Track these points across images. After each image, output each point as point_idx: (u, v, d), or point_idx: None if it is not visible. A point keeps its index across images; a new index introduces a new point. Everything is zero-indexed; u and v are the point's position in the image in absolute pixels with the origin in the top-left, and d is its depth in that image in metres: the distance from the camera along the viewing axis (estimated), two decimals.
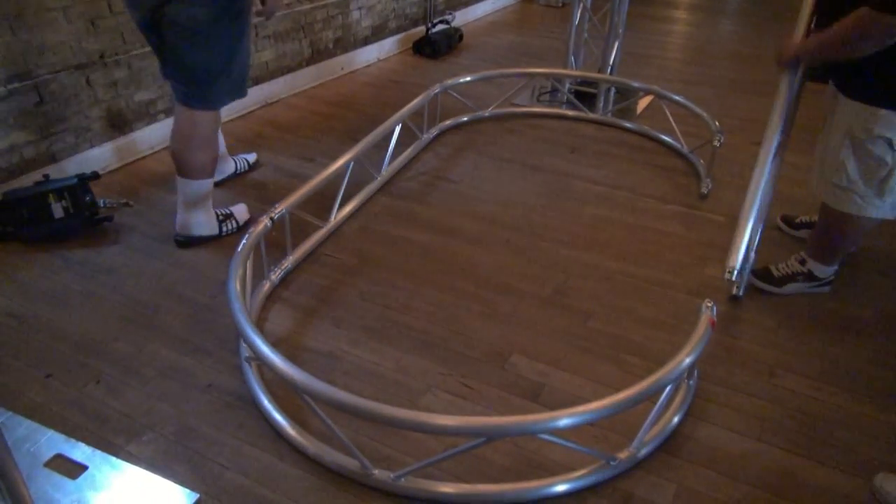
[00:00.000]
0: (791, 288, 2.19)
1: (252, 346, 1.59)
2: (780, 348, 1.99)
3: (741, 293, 2.15)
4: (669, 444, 1.65)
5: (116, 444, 1.60)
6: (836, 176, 1.97)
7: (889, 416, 1.76)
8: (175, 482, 1.51)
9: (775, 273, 2.21)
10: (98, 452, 1.57)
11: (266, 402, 1.69)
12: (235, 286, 1.78)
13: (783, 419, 1.74)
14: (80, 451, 1.57)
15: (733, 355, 1.96)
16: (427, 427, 1.45)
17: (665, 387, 1.55)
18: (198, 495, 1.48)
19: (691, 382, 1.79)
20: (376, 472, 1.50)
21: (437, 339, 1.98)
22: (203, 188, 2.23)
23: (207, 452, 1.59)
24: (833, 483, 1.57)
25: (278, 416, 1.65)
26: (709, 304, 1.73)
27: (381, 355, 1.91)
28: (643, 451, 1.60)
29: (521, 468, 1.58)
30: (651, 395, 1.50)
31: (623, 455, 1.57)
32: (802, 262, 2.19)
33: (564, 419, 1.41)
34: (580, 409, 1.43)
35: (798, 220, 2.59)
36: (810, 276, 2.18)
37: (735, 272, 1.74)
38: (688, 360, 1.56)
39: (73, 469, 1.53)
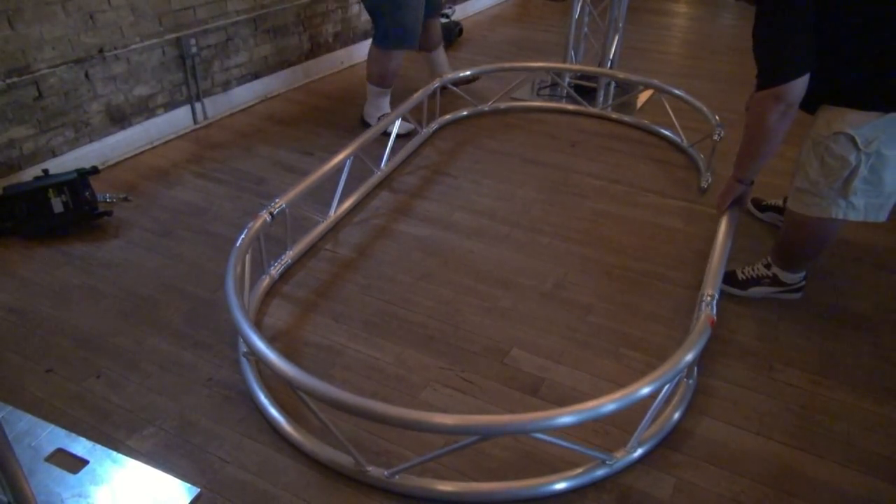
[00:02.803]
0: (756, 292, 2.16)
1: (248, 342, 1.59)
2: (780, 342, 1.99)
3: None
4: (669, 438, 1.66)
5: (117, 438, 1.61)
6: (797, 179, 1.93)
7: (888, 409, 1.77)
8: (176, 476, 1.51)
9: (740, 276, 2.18)
10: (99, 447, 1.57)
11: (263, 398, 1.69)
12: (233, 281, 1.78)
13: (782, 413, 1.75)
14: (80, 446, 1.57)
15: (733, 349, 1.96)
16: (419, 425, 1.43)
17: (662, 386, 1.54)
18: (198, 489, 1.49)
19: (690, 381, 1.78)
20: (370, 468, 1.50)
21: (436, 333, 1.99)
22: (372, 90, 3.21)
23: (208, 446, 1.59)
24: (832, 476, 1.58)
25: (274, 412, 1.65)
26: (708, 301, 1.72)
27: (381, 350, 1.91)
28: (640, 451, 1.59)
29: (521, 462, 1.58)
30: (647, 396, 1.49)
31: (619, 454, 1.56)
32: (768, 267, 2.15)
33: (558, 419, 1.39)
34: (573, 408, 1.41)
35: (765, 203, 2.59)
36: (776, 281, 2.14)
37: (715, 298, 1.76)
38: (686, 360, 1.55)
39: (74, 463, 1.53)
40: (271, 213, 2.06)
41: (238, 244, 1.92)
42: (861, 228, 2.53)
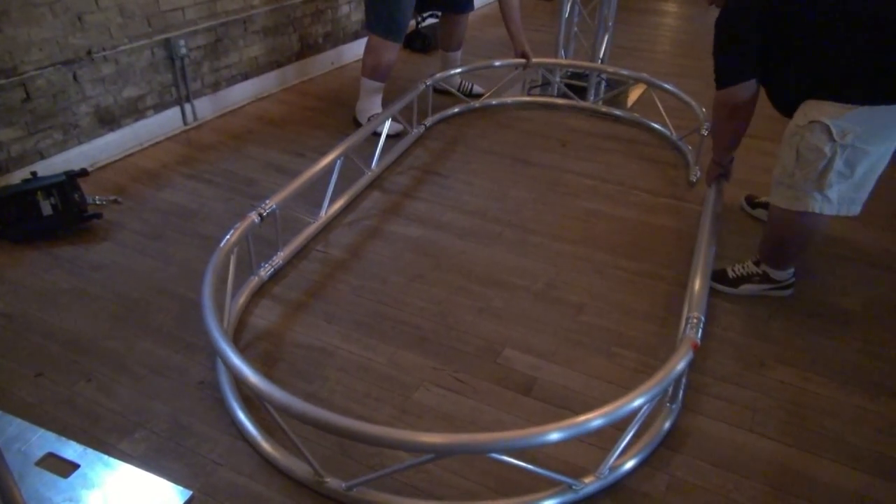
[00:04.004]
0: (746, 289, 2.17)
1: (217, 349, 1.56)
2: (771, 340, 2.00)
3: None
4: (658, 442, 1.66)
5: (108, 442, 1.60)
6: (776, 171, 1.97)
7: (878, 405, 1.78)
8: (168, 479, 1.51)
9: (730, 274, 2.19)
10: (90, 451, 1.56)
11: (233, 402, 1.67)
12: (210, 283, 1.74)
13: (774, 410, 1.76)
14: (71, 450, 1.56)
15: (724, 347, 1.97)
16: (378, 440, 1.37)
17: (636, 412, 1.48)
18: (191, 493, 1.48)
19: (673, 406, 1.71)
20: (328, 480, 1.47)
21: (429, 333, 1.98)
22: (365, 84, 3.21)
23: (200, 449, 1.59)
24: (824, 472, 1.59)
25: (242, 416, 1.63)
26: (693, 323, 1.67)
27: (373, 350, 1.91)
28: (612, 476, 1.53)
29: (504, 468, 1.57)
30: (617, 421, 1.43)
31: (588, 480, 1.50)
32: (757, 264, 2.16)
33: (515, 441, 1.35)
34: (534, 430, 1.36)
35: (756, 200, 2.63)
36: (766, 278, 2.15)
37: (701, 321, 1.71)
38: (662, 385, 1.49)
39: (65, 468, 1.52)
40: (260, 215, 2.04)
41: (222, 246, 1.89)
42: (849, 226, 2.55)
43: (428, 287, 2.18)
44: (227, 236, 1.94)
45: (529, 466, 1.43)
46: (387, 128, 2.91)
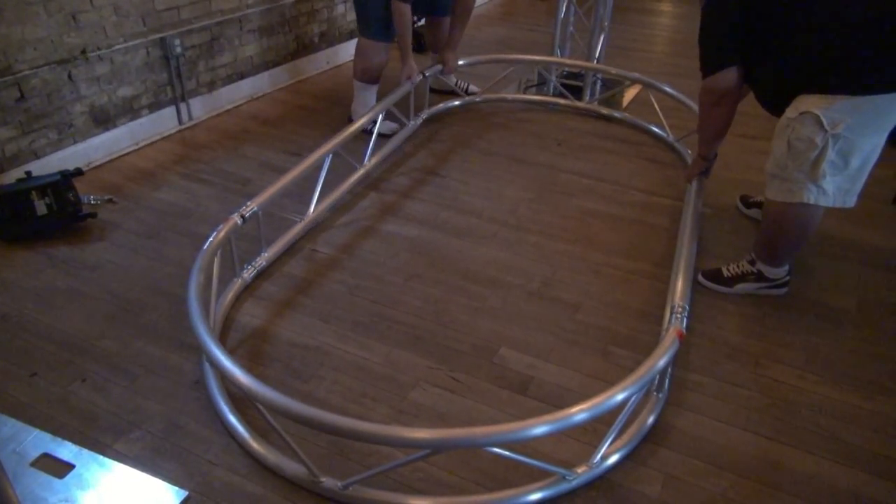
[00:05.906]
0: (742, 288, 2.17)
1: (206, 350, 1.55)
2: (765, 338, 2.01)
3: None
4: (656, 434, 1.67)
5: (104, 442, 1.59)
6: (768, 165, 1.98)
7: (872, 404, 1.79)
8: (163, 480, 1.50)
9: (725, 273, 2.19)
10: (85, 451, 1.56)
11: (223, 405, 1.66)
12: (195, 287, 1.73)
13: (769, 408, 1.76)
14: (66, 450, 1.55)
15: (719, 346, 1.97)
16: (374, 437, 1.38)
17: (626, 402, 1.49)
18: (186, 493, 1.48)
19: (660, 395, 1.73)
20: (324, 479, 1.47)
21: (425, 333, 1.98)
22: (357, 86, 3.24)
23: (196, 449, 1.58)
24: (819, 470, 1.59)
25: (232, 418, 1.63)
26: (679, 313, 1.68)
27: (369, 350, 1.91)
28: (604, 465, 1.55)
29: (501, 462, 1.58)
30: (603, 414, 1.44)
31: (581, 470, 1.51)
32: (752, 263, 2.17)
33: (503, 435, 1.36)
34: (520, 424, 1.37)
35: (752, 200, 2.65)
36: (761, 277, 2.16)
37: (686, 308, 1.75)
38: (652, 372, 1.52)
39: (60, 468, 1.52)
40: (242, 216, 2.02)
41: (205, 248, 1.88)
42: (845, 225, 2.56)
43: (424, 286, 2.18)
44: (211, 238, 1.92)
45: (522, 458, 1.44)
46: (378, 123, 2.90)
